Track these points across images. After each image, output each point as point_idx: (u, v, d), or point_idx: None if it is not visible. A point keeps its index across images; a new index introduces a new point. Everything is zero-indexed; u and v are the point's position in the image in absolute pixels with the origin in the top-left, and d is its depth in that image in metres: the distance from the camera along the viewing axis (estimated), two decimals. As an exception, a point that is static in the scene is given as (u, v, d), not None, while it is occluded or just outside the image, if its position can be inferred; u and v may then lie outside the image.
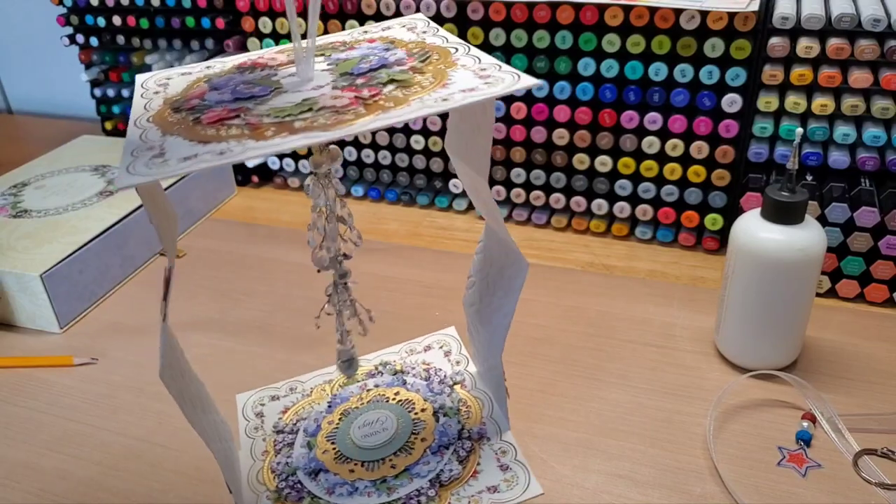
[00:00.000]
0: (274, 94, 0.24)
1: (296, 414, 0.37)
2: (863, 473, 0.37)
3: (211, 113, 0.24)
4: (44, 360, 0.48)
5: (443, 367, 0.37)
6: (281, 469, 0.34)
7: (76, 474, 0.39)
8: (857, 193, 0.50)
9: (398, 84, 0.23)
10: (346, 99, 0.23)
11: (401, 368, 0.38)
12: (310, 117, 0.22)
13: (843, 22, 0.48)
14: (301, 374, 0.38)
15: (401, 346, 0.39)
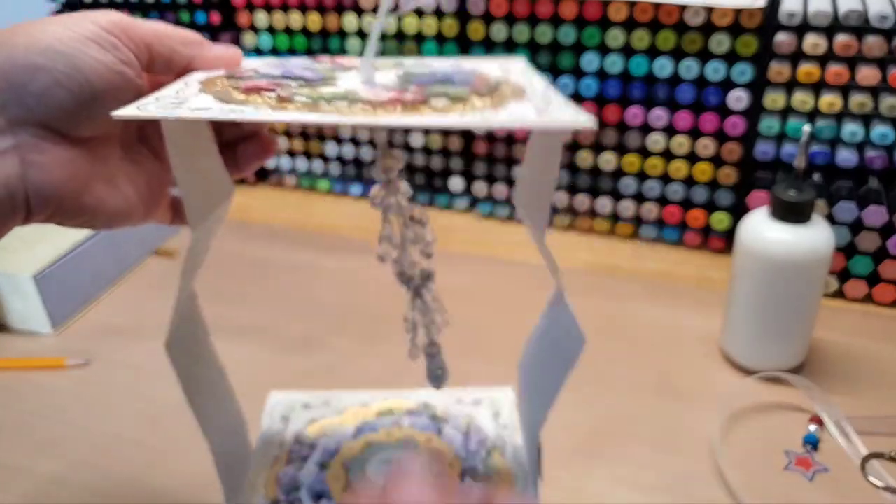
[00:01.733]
0: (323, 83, 0.24)
1: (321, 429, 0.35)
2: (870, 477, 0.37)
3: (252, 83, 0.24)
4: (36, 361, 0.47)
5: (487, 428, 0.35)
6: (286, 481, 0.32)
7: (69, 477, 0.39)
8: (865, 192, 0.50)
9: (450, 98, 0.22)
10: (387, 98, 0.22)
11: (442, 415, 0.35)
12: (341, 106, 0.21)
13: (851, 18, 0.47)
14: (339, 389, 0.37)
15: (450, 392, 0.36)
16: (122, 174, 0.26)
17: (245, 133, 0.29)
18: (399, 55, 0.62)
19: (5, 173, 0.22)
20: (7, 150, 0.22)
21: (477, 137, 0.62)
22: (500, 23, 0.57)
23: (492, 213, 0.65)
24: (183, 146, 0.23)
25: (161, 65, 0.25)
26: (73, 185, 0.24)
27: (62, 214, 0.24)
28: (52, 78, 0.22)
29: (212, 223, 0.27)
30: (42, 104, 0.22)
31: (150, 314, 0.52)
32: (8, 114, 0.22)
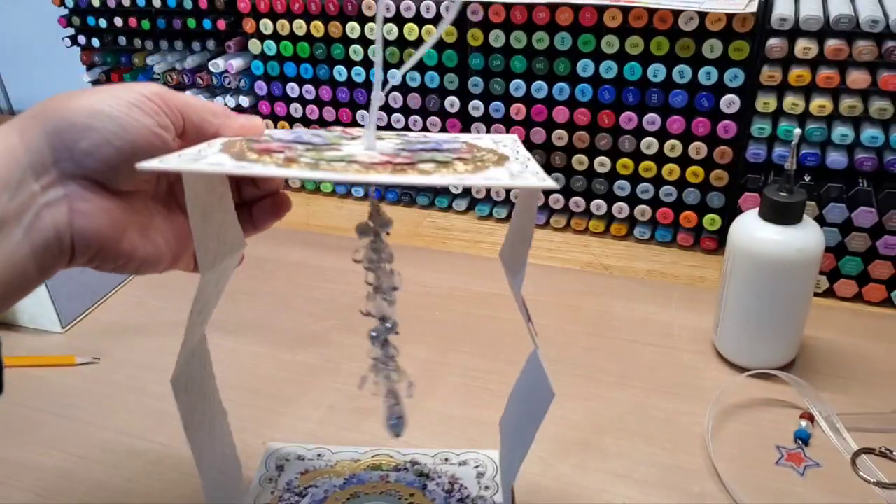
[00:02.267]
0: (328, 148, 0.27)
1: (312, 479, 0.37)
2: (861, 472, 0.37)
3: (264, 145, 0.27)
4: (46, 359, 0.48)
5: (469, 487, 0.37)
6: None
7: (77, 473, 0.39)
8: (854, 194, 0.50)
9: (437, 163, 0.25)
10: (379, 160, 0.25)
11: (427, 473, 0.38)
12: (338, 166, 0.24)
13: (842, 23, 0.48)
14: (333, 445, 0.39)
15: (437, 452, 0.39)
16: (154, 225, 0.29)
17: (262, 193, 0.32)
18: (400, 60, 0.63)
19: (56, 220, 0.25)
20: (59, 199, 0.25)
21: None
22: (498, 29, 0.58)
23: (490, 213, 0.66)
24: (200, 197, 0.26)
25: (193, 131, 0.28)
26: (112, 232, 0.26)
27: (101, 259, 0.27)
28: (102, 137, 0.25)
29: (221, 271, 0.29)
30: (91, 159, 0.25)
31: (157, 313, 0.53)
32: (61, 168, 0.25)
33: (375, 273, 0.31)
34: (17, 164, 0.24)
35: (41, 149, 0.25)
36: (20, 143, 0.25)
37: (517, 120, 0.60)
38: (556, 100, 0.58)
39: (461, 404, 0.43)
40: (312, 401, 0.44)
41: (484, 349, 0.48)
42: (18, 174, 0.24)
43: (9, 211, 0.24)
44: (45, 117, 0.25)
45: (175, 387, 0.27)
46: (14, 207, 0.24)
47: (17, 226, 0.24)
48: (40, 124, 0.25)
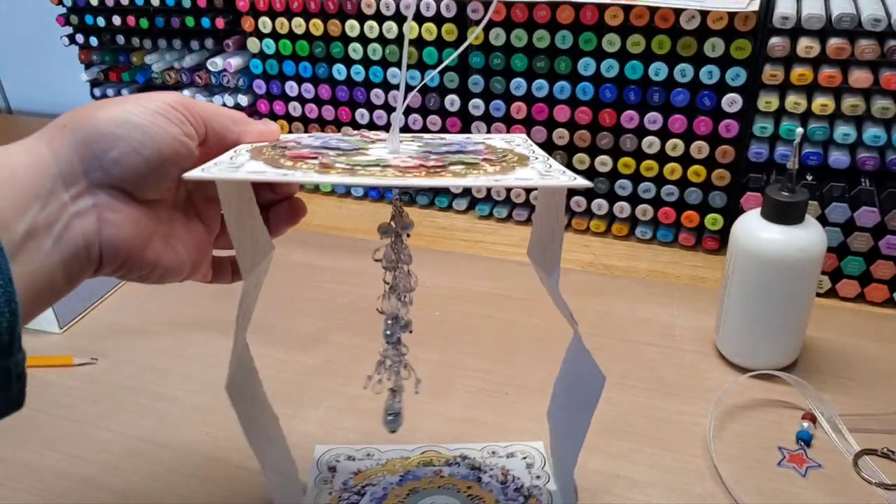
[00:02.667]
0: (356, 153, 0.27)
1: (366, 479, 0.37)
2: (863, 473, 0.37)
3: (296, 152, 0.28)
4: (44, 359, 0.48)
5: (522, 478, 0.37)
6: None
7: (76, 474, 0.39)
8: (857, 193, 0.50)
9: (465, 165, 0.26)
10: (412, 164, 0.26)
11: (479, 466, 0.38)
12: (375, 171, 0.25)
13: (844, 22, 0.48)
14: (380, 444, 0.40)
15: (483, 446, 0.40)
16: (175, 234, 0.29)
17: (278, 198, 0.32)
18: (399, 59, 0.63)
19: (85, 229, 0.25)
20: (88, 209, 0.26)
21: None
22: (499, 27, 0.58)
23: (490, 213, 0.66)
24: (233, 204, 0.26)
25: (214, 139, 0.29)
26: (138, 241, 0.27)
27: (126, 268, 0.27)
28: (130, 146, 0.25)
29: (258, 275, 0.29)
30: (120, 168, 0.26)
31: (155, 313, 0.53)
32: (90, 177, 0.25)
33: (394, 273, 0.31)
34: (47, 175, 0.25)
35: (71, 159, 0.25)
36: (49, 153, 0.25)
37: (518, 119, 0.60)
38: (557, 98, 0.58)
39: (462, 404, 0.43)
40: (311, 401, 0.44)
41: (484, 349, 0.48)
42: (49, 184, 0.25)
43: (40, 221, 0.24)
44: (73, 127, 0.25)
45: (230, 394, 0.28)
46: (45, 217, 0.24)
47: (47, 236, 0.24)
48: (69, 134, 0.25)
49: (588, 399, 0.30)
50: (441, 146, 0.29)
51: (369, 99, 0.65)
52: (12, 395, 0.24)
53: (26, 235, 0.24)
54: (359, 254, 0.61)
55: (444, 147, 0.29)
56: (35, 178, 0.24)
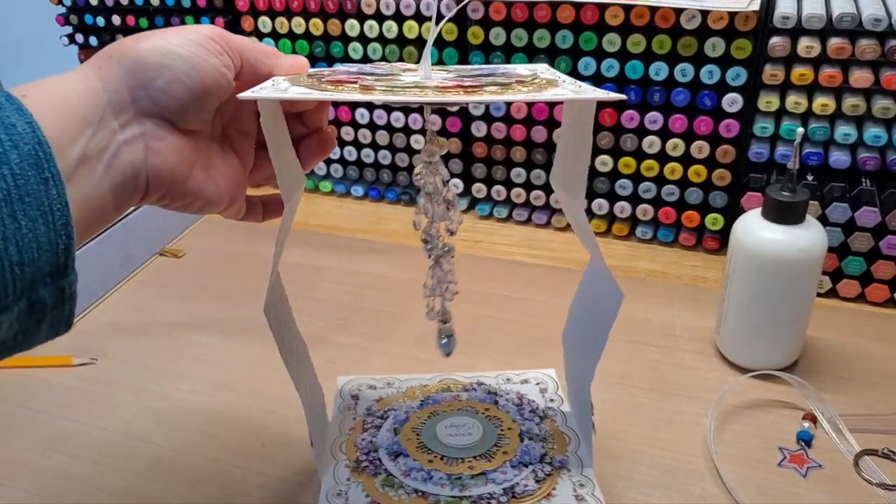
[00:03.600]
0: (392, 78, 0.29)
1: (388, 405, 0.40)
2: (864, 474, 0.37)
3: (335, 77, 0.29)
4: (43, 359, 0.48)
5: (537, 401, 0.40)
6: (364, 445, 0.37)
7: (75, 474, 0.39)
8: (857, 193, 0.50)
9: (499, 86, 0.27)
10: (450, 84, 0.27)
11: (495, 391, 0.41)
12: (415, 91, 0.26)
13: (844, 21, 0.48)
14: (400, 374, 0.42)
15: (498, 374, 0.42)
16: (214, 166, 0.30)
17: (307, 131, 0.33)
18: (399, 59, 0.63)
19: (133, 157, 0.26)
20: (137, 137, 0.27)
21: (476, 140, 0.63)
22: (499, 27, 0.58)
23: (491, 213, 0.66)
24: (273, 132, 0.27)
25: (249, 71, 0.29)
26: (182, 170, 0.28)
27: (170, 196, 0.28)
28: (174, 75, 0.26)
29: (294, 204, 0.31)
30: (166, 97, 0.27)
31: (156, 313, 0.53)
32: (137, 106, 0.26)
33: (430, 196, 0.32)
34: (98, 103, 0.25)
35: (119, 87, 0.26)
36: (99, 82, 0.26)
37: (518, 119, 0.60)
38: (557, 98, 0.58)
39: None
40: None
41: (485, 349, 0.48)
42: (100, 112, 0.25)
43: (92, 147, 0.25)
44: (119, 57, 0.26)
45: (268, 317, 0.29)
46: (96, 144, 0.25)
47: (99, 162, 0.25)
48: (116, 64, 0.26)
49: (605, 317, 0.31)
50: (473, 72, 0.30)
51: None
52: (65, 314, 0.25)
53: (80, 161, 0.24)
54: (359, 254, 0.61)
55: (477, 72, 0.30)
56: (88, 107, 0.25)
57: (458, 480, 0.34)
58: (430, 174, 0.32)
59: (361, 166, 0.70)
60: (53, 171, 0.22)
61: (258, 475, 0.39)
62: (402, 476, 0.34)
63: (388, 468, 0.35)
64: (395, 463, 0.35)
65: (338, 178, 0.71)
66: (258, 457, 0.40)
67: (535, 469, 0.35)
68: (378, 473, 0.35)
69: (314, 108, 0.32)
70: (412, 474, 0.34)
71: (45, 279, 0.23)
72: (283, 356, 0.31)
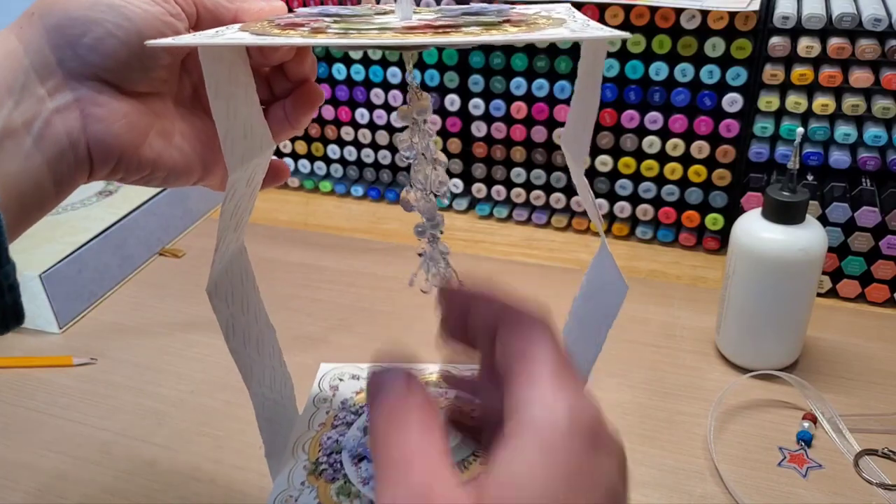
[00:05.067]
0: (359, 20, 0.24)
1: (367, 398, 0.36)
2: (864, 474, 0.37)
3: (288, 20, 0.25)
4: (43, 360, 0.48)
5: None
6: (328, 444, 0.33)
7: (75, 474, 0.39)
8: (857, 193, 0.50)
9: (482, 26, 0.23)
10: (417, 25, 0.23)
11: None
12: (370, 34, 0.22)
13: (844, 21, 0.48)
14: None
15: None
16: (178, 131, 0.26)
17: (292, 84, 0.29)
18: (399, 60, 0.63)
19: (68, 127, 0.23)
20: (69, 104, 0.23)
21: (476, 140, 0.63)
22: (499, 27, 0.57)
23: (490, 213, 0.66)
24: (222, 88, 0.23)
25: (208, 19, 0.26)
26: (131, 137, 0.24)
27: (124, 170, 0.25)
28: (105, 29, 0.23)
29: (251, 171, 0.27)
30: (96, 54, 0.23)
31: (155, 313, 0.53)
32: (66, 68, 0.23)
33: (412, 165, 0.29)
34: (19, 67, 0.23)
35: (42, 48, 0.23)
36: (19, 44, 0.23)
37: (518, 118, 0.60)
38: (558, 98, 0.58)
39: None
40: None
41: (484, 349, 0.48)
42: (21, 78, 0.22)
43: (15, 118, 0.22)
44: (42, 14, 0.23)
45: (211, 296, 0.25)
46: (21, 115, 0.22)
47: (26, 135, 0.22)
48: (38, 22, 0.23)
49: (609, 309, 0.28)
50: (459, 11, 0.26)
51: (369, 98, 0.65)
52: (7, 306, 0.23)
53: (2, 135, 0.22)
54: (359, 254, 0.61)
55: (462, 10, 0.26)
56: (5, 72, 0.22)
57: None
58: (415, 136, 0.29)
59: (361, 166, 0.70)
60: None
61: (258, 475, 0.39)
62: (361, 484, 0.31)
63: (347, 473, 0.31)
64: (356, 468, 0.31)
65: (338, 177, 0.71)
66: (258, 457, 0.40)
67: None
68: (336, 479, 0.31)
69: (294, 58, 0.28)
70: (371, 483, 0.30)
71: None
72: (229, 345, 0.27)
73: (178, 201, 0.63)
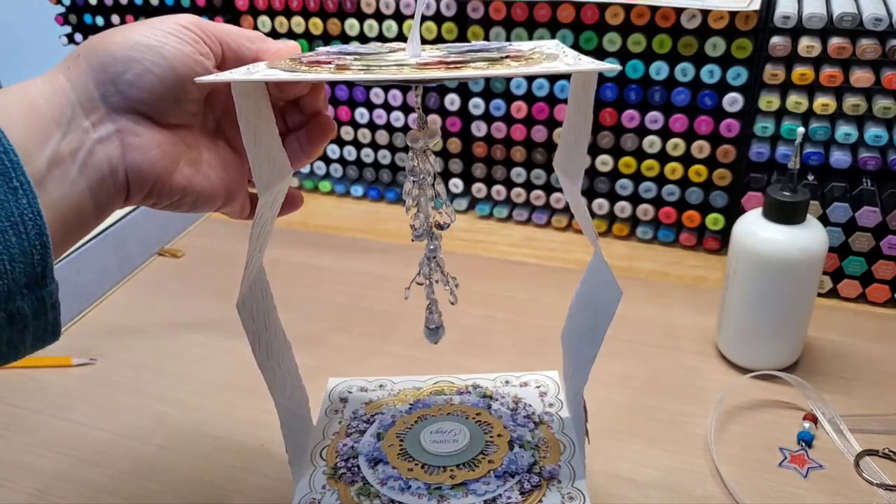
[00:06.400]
0: (375, 58, 0.27)
1: (377, 408, 0.38)
2: (864, 474, 0.37)
3: (314, 58, 0.28)
4: (42, 360, 0.48)
5: (534, 405, 0.38)
6: (345, 450, 0.35)
7: (74, 475, 0.39)
8: (858, 193, 0.50)
9: (488, 62, 0.25)
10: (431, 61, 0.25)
11: (490, 394, 0.39)
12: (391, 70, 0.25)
13: (845, 21, 0.48)
14: (395, 376, 0.40)
15: (497, 376, 0.40)
16: (205, 160, 0.29)
17: (307, 117, 0.32)
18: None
19: (109, 155, 0.26)
20: (110, 135, 0.26)
21: (476, 140, 0.63)
22: (499, 26, 0.57)
23: (490, 213, 0.66)
24: (250, 120, 0.26)
25: (232, 58, 0.29)
26: (165, 165, 0.27)
27: (157, 195, 0.28)
28: (143, 67, 0.26)
29: (274, 196, 0.29)
30: (136, 89, 0.26)
31: (154, 313, 0.53)
32: (108, 102, 0.26)
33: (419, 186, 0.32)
34: (67, 103, 0.25)
35: (87, 85, 0.25)
36: (66, 82, 0.25)
37: (518, 118, 0.60)
38: (558, 98, 0.58)
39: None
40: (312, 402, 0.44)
41: (484, 350, 0.48)
42: (69, 111, 0.25)
43: (63, 149, 0.24)
44: (87, 55, 0.26)
45: (241, 312, 0.28)
46: (68, 145, 0.25)
47: (72, 163, 0.25)
48: (84, 62, 0.26)
49: (603, 314, 0.30)
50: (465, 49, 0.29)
51: (369, 98, 0.65)
52: (49, 323, 0.25)
53: (51, 164, 0.24)
54: (359, 254, 0.61)
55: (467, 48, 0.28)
56: (55, 107, 0.25)
57: (438, 491, 0.32)
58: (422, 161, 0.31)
59: (361, 166, 0.70)
60: (22, 179, 0.22)
61: (257, 475, 0.39)
62: (379, 485, 0.33)
63: (365, 476, 0.33)
64: (373, 471, 0.34)
65: (337, 177, 0.71)
66: (257, 457, 0.40)
67: (522, 480, 0.33)
68: (355, 481, 0.33)
69: (310, 93, 0.31)
70: (389, 483, 0.33)
71: (22, 290, 0.23)
72: (256, 358, 0.30)
73: (177, 201, 0.63)
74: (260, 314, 0.31)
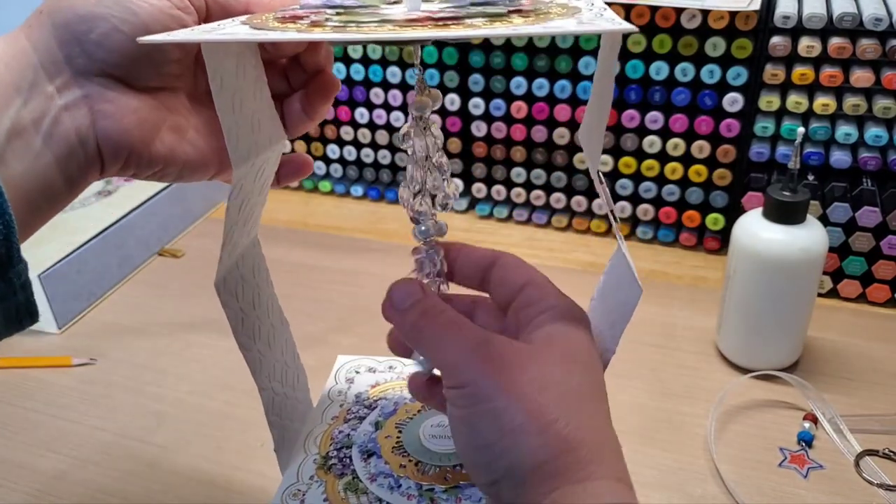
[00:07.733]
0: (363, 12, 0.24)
1: (382, 392, 0.36)
2: (864, 474, 0.37)
3: (291, 13, 0.25)
4: (42, 360, 0.48)
5: None
6: (339, 439, 0.33)
7: (74, 475, 0.39)
8: (858, 193, 0.50)
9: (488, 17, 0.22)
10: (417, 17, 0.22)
11: None
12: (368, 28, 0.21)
13: (845, 21, 0.48)
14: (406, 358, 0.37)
15: None
16: (192, 125, 0.26)
17: (308, 75, 0.28)
18: (400, 58, 0.62)
19: (77, 123, 0.23)
20: (77, 101, 0.23)
21: (476, 140, 0.63)
22: (499, 26, 0.57)
23: (490, 213, 0.66)
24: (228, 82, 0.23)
25: (217, 12, 0.25)
26: (142, 132, 0.24)
27: (135, 165, 0.25)
28: (110, 24, 0.23)
29: (259, 166, 0.26)
30: (103, 50, 0.23)
31: (154, 313, 0.53)
32: (74, 65, 0.23)
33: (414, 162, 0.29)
34: (27, 66, 0.23)
35: (50, 46, 0.23)
36: (28, 43, 0.23)
37: (518, 118, 0.60)
38: (558, 98, 0.58)
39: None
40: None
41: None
42: (30, 75, 0.23)
43: (24, 116, 0.22)
44: (51, 11, 0.23)
45: (219, 290, 0.25)
46: (30, 113, 0.22)
47: (35, 133, 0.22)
48: (48, 20, 0.23)
49: (623, 311, 0.29)
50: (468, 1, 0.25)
51: (369, 98, 0.65)
52: (20, 304, 0.23)
53: (11, 134, 0.22)
54: (359, 254, 0.61)
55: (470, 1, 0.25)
56: (14, 71, 0.22)
57: (429, 493, 0.30)
58: (419, 134, 0.28)
59: (361, 166, 0.70)
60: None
61: (257, 475, 0.39)
62: (369, 480, 0.31)
63: (356, 469, 0.31)
64: (365, 464, 0.31)
65: (337, 177, 0.71)
66: (257, 457, 0.40)
67: None
68: (344, 474, 0.31)
69: (308, 50, 0.27)
70: (378, 479, 0.31)
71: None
72: (238, 339, 0.27)
73: (177, 201, 0.63)
74: (247, 292, 0.29)
